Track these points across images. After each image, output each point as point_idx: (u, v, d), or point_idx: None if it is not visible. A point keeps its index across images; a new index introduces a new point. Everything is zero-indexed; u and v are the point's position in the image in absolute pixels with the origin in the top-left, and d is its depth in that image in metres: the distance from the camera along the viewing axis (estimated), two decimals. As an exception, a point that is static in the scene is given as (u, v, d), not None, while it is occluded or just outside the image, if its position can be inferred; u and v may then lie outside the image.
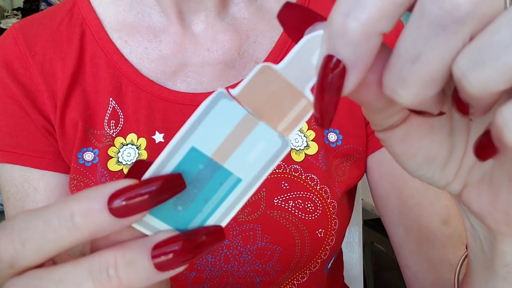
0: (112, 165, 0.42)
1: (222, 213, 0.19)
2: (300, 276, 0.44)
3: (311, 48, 0.18)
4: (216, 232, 0.19)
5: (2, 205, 1.80)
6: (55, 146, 0.45)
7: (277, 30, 0.47)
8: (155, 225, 0.19)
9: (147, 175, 0.18)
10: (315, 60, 0.18)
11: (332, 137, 0.45)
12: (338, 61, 0.17)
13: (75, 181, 0.44)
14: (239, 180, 0.19)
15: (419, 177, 0.23)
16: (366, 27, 0.16)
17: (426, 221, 0.44)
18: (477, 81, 0.15)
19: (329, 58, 0.17)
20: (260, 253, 0.41)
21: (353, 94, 0.19)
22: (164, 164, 0.18)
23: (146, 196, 0.17)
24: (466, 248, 0.27)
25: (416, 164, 0.22)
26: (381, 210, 0.47)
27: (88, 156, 0.43)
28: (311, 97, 0.19)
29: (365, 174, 0.48)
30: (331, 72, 0.17)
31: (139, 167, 0.19)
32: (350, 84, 0.17)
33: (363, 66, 0.17)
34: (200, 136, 0.18)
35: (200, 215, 0.19)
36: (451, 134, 0.22)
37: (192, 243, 0.18)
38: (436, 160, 0.22)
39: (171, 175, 0.18)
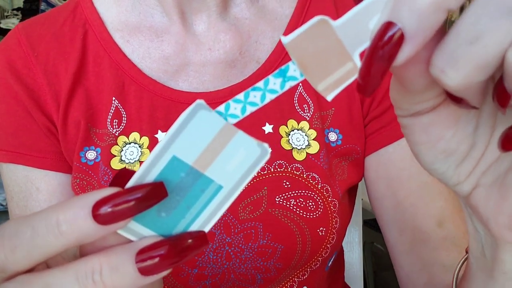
0: (115, 164, 0.43)
1: (205, 219, 0.20)
2: (301, 273, 0.45)
3: (371, 12, 0.18)
4: (199, 237, 0.20)
5: (2, 205, 1.81)
6: (57, 146, 0.45)
7: (279, 30, 0.47)
8: (139, 231, 0.20)
9: (130, 183, 0.19)
10: (372, 25, 0.18)
11: (333, 136, 0.45)
12: (398, 29, 0.16)
13: (78, 180, 0.44)
14: (220, 187, 0.20)
15: (431, 171, 0.23)
16: (437, 0, 0.16)
17: (420, 222, 0.44)
18: None
19: (388, 24, 0.17)
20: (261, 250, 0.42)
21: (399, 69, 0.19)
22: (147, 173, 0.19)
23: (129, 204, 0.18)
24: (466, 252, 0.27)
25: (433, 155, 0.22)
26: (376, 210, 0.48)
27: (91, 155, 0.44)
28: (358, 62, 0.19)
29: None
30: (388, 39, 0.17)
31: (123, 175, 0.19)
32: (404, 55, 0.17)
33: (422, 39, 0.17)
34: (181, 145, 0.18)
35: (183, 221, 0.20)
36: (476, 130, 0.21)
37: (176, 248, 0.19)
38: (454, 155, 0.22)
39: (153, 183, 0.19)
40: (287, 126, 0.44)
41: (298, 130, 0.44)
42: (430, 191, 0.44)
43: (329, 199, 0.43)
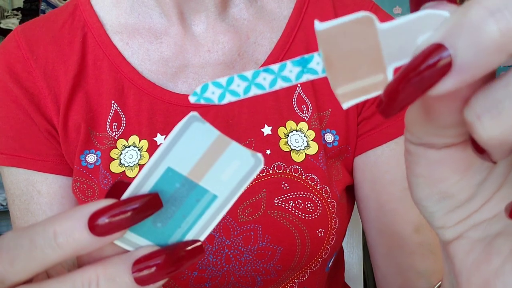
0: (115, 167, 0.43)
1: (200, 228, 0.20)
2: (301, 275, 0.45)
3: (425, 26, 0.15)
4: (195, 246, 0.20)
5: (3, 205, 1.81)
6: (58, 149, 0.45)
7: (277, 31, 0.47)
8: (136, 241, 0.20)
9: (126, 195, 0.19)
10: (421, 41, 0.15)
11: (329, 137, 0.45)
12: (447, 56, 0.14)
13: (78, 183, 0.44)
14: (215, 197, 0.20)
15: (420, 206, 0.21)
16: (505, 39, 0.14)
17: (399, 227, 0.45)
18: None
19: (438, 47, 0.14)
20: (261, 253, 0.42)
21: (431, 98, 0.16)
22: (142, 184, 0.19)
23: (124, 215, 0.18)
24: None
25: (428, 193, 0.20)
26: (360, 210, 0.49)
27: (91, 158, 0.44)
28: (390, 77, 0.17)
29: None
30: (432, 63, 0.14)
31: (118, 187, 0.19)
32: (444, 87, 0.15)
33: (472, 76, 0.14)
34: (175, 157, 0.19)
35: (179, 230, 0.20)
36: (482, 183, 0.20)
37: (173, 257, 0.19)
38: (450, 200, 0.20)
39: (148, 194, 0.19)
40: (285, 128, 0.44)
41: (297, 131, 0.44)
42: (410, 197, 0.44)
43: (328, 200, 0.43)
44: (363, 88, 0.17)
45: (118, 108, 0.44)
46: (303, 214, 0.42)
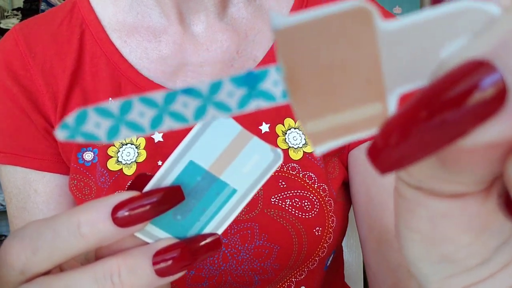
0: (112, 165, 0.43)
1: (219, 221, 0.21)
2: (298, 273, 0.45)
3: (456, 28, 0.10)
4: (213, 239, 0.20)
5: (2, 205, 1.81)
6: (55, 148, 0.45)
7: None
8: (155, 233, 0.20)
9: (148, 187, 0.19)
10: (449, 53, 0.10)
11: None
12: (499, 82, 0.09)
13: (75, 181, 0.44)
14: (234, 191, 0.20)
15: (411, 265, 0.16)
16: None
17: (387, 221, 0.44)
18: None
19: (481, 66, 0.09)
20: (258, 251, 0.41)
21: (461, 148, 0.10)
22: (164, 177, 0.19)
23: (147, 207, 0.18)
24: None
25: (425, 253, 0.15)
26: (353, 206, 0.48)
27: (88, 155, 0.44)
28: (392, 108, 0.11)
29: None
30: (469, 92, 0.09)
31: (140, 180, 0.20)
32: (488, 136, 0.09)
33: None
34: (198, 150, 0.19)
35: (197, 223, 0.20)
36: (499, 248, 0.15)
37: (191, 250, 0.19)
38: (453, 265, 0.15)
39: (170, 187, 0.19)
40: (283, 125, 0.44)
41: (295, 128, 0.44)
42: None
43: (326, 199, 0.43)
44: (348, 125, 0.11)
45: None
46: (300, 213, 0.42)
